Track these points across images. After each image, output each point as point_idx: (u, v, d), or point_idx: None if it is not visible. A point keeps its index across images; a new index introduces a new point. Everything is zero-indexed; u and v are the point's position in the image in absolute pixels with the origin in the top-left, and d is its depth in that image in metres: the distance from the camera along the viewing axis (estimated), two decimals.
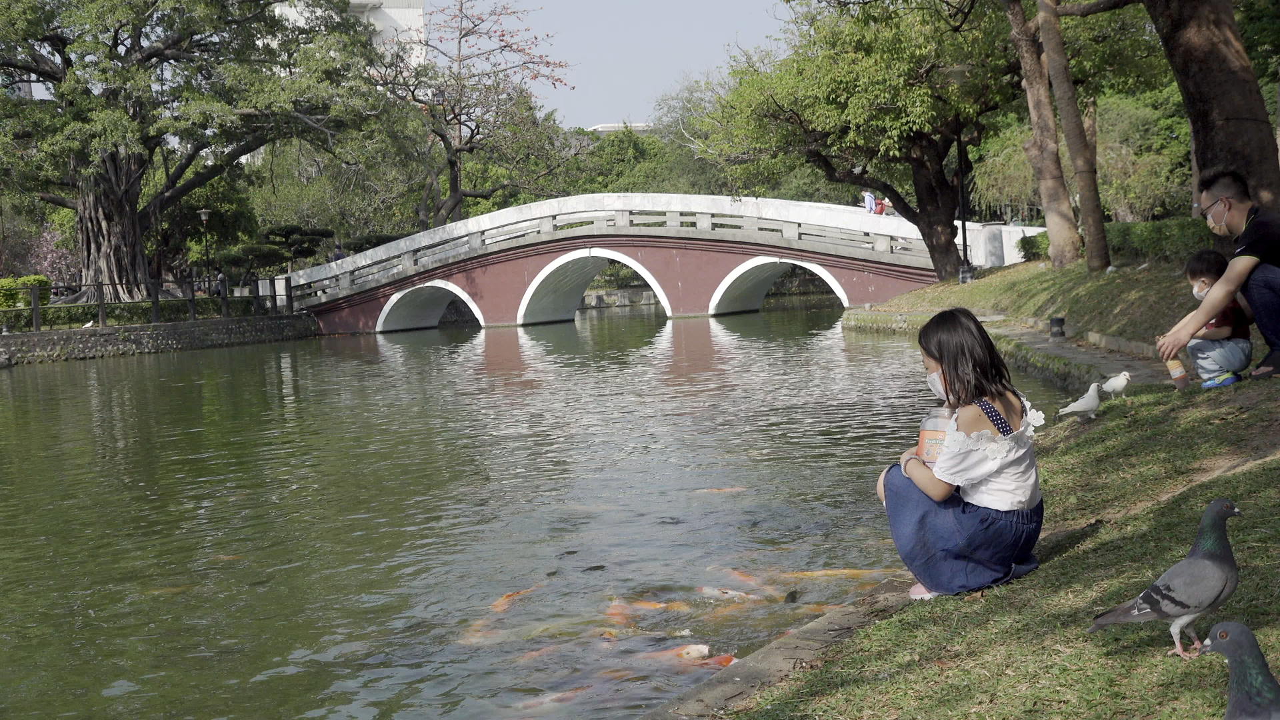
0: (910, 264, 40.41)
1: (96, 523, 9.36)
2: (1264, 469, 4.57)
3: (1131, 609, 3.01)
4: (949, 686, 3.20)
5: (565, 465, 11.15)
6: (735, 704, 3.62)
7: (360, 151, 47.77)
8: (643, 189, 74.07)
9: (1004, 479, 4.27)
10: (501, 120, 60.35)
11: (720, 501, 8.62)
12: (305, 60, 44.57)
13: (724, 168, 35.94)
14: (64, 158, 41.80)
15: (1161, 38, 11.11)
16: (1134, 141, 52.62)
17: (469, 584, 6.65)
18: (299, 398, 21.91)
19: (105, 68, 41.75)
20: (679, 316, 46.15)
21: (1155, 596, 2.98)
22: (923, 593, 4.47)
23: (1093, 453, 6.21)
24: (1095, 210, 20.56)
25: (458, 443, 13.36)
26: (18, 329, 39.78)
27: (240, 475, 11.80)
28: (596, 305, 79.09)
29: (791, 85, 29.19)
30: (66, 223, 53.14)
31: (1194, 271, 6.91)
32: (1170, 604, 2.95)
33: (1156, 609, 2.97)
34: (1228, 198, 6.62)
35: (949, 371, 4.32)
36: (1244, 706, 2.21)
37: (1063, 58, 21.12)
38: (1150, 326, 12.75)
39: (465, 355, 31.58)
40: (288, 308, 50.65)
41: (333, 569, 7.33)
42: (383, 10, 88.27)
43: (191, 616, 6.37)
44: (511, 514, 8.71)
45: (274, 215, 64.38)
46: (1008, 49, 26.78)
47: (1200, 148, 10.80)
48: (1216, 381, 6.69)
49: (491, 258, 49.50)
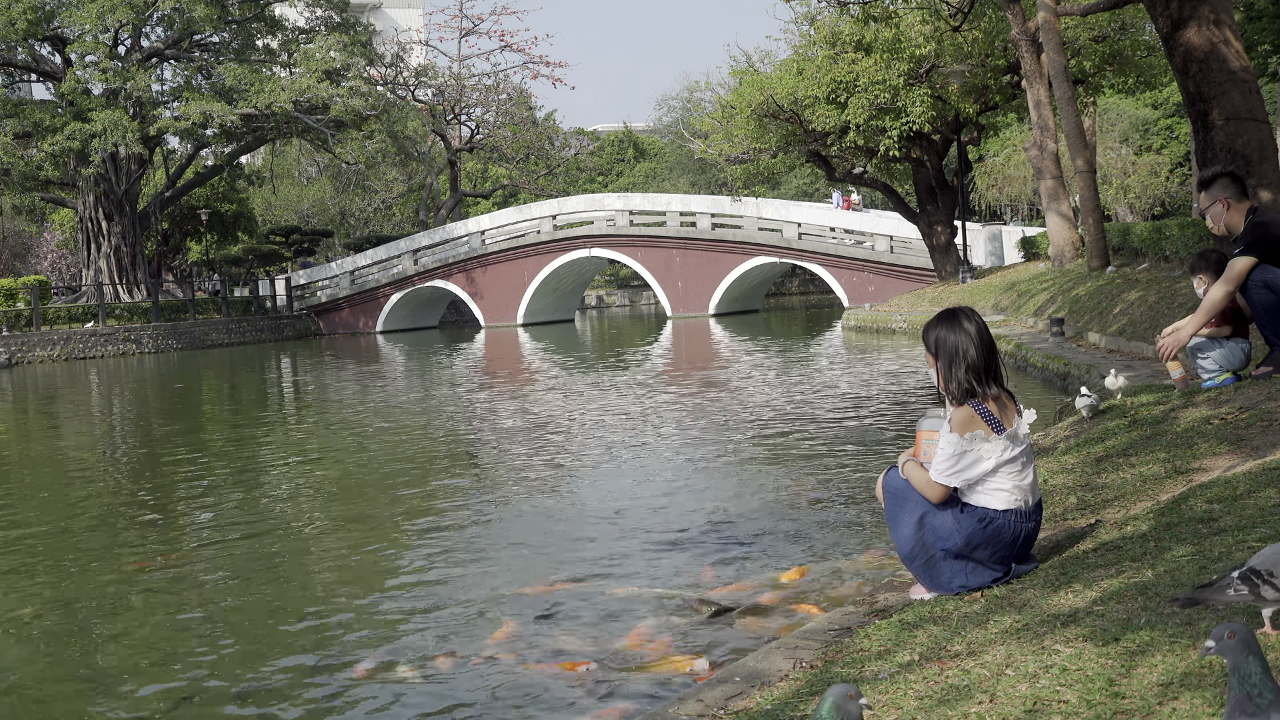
0: (910, 264, 40.41)
1: (97, 523, 9.37)
2: (1264, 469, 4.57)
3: (1226, 588, 2.89)
4: (949, 686, 3.20)
5: (565, 465, 11.14)
6: (735, 704, 3.62)
7: (360, 151, 47.77)
8: (643, 189, 74.08)
9: (1000, 478, 4.27)
10: (501, 120, 60.34)
11: (714, 505, 8.62)
12: (305, 60, 44.57)
13: (724, 168, 35.96)
14: (64, 158, 41.80)
15: (1161, 38, 11.11)
16: (1134, 141, 52.61)
17: (461, 596, 6.64)
18: (299, 398, 21.90)
19: (105, 68, 41.75)
20: (679, 316, 46.15)
21: (1255, 580, 2.87)
22: (922, 593, 4.47)
23: (1093, 453, 6.21)
24: (1095, 210, 20.56)
25: (456, 443, 13.36)
26: (18, 329, 39.78)
27: (240, 476, 11.79)
28: (596, 305, 79.08)
29: (791, 85, 29.19)
30: (66, 223, 53.14)
31: (1195, 269, 6.91)
32: (1271, 589, 2.86)
33: (1256, 593, 2.87)
34: (1226, 198, 6.62)
35: (944, 369, 4.33)
36: (1244, 707, 2.20)
37: (1063, 58, 21.12)
38: (1150, 326, 12.75)
39: (465, 355, 31.57)
40: (288, 308, 50.66)
41: (334, 570, 7.33)
42: (383, 10, 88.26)
43: (191, 614, 6.37)
44: (509, 513, 8.71)
45: (274, 215, 64.38)
46: (1008, 49, 26.78)
47: (1200, 148, 10.80)
48: (1216, 381, 6.68)
49: (491, 258, 49.49)
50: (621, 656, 5.16)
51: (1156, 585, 3.54)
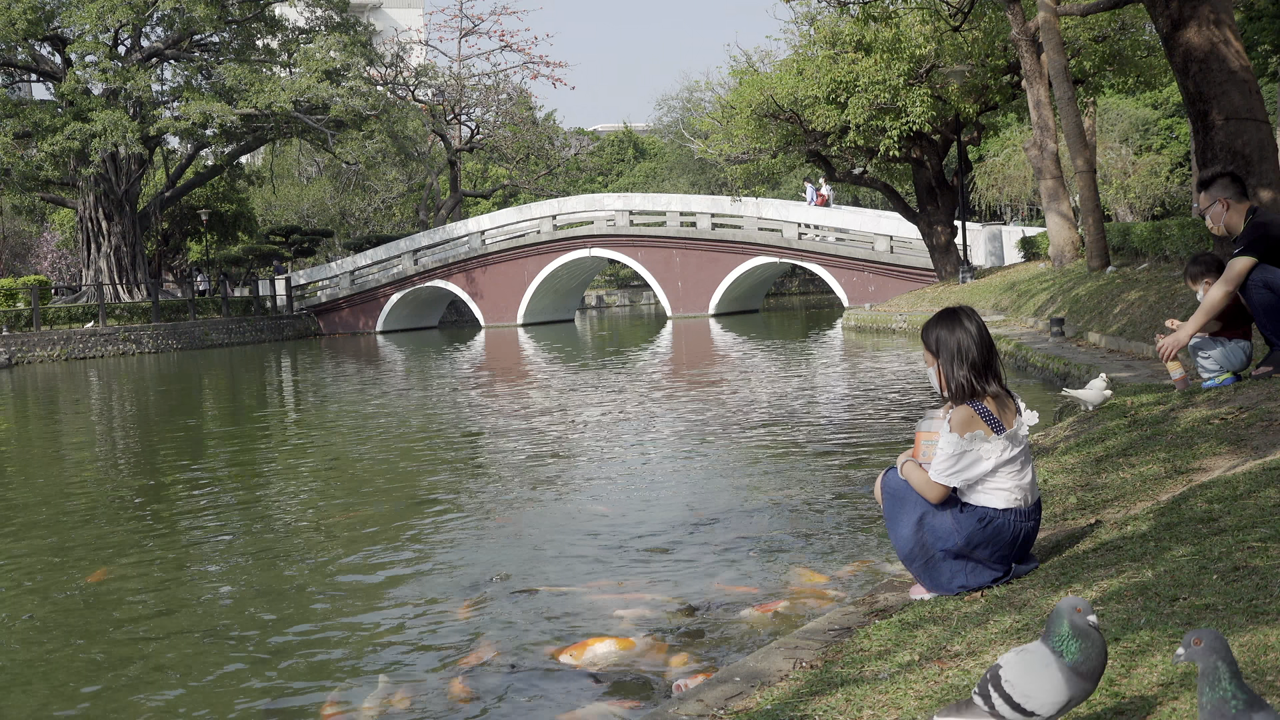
0: (910, 264, 40.40)
1: (96, 521, 9.36)
2: (1264, 469, 4.57)
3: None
4: (949, 686, 3.20)
5: (564, 465, 11.14)
6: (735, 704, 3.62)
7: (360, 151, 47.75)
8: (643, 189, 74.06)
9: (1000, 478, 4.27)
10: (501, 120, 60.34)
11: (712, 507, 8.62)
12: (305, 60, 44.56)
13: (724, 168, 35.95)
14: (64, 158, 41.80)
15: (1161, 38, 11.10)
16: (1134, 141, 52.61)
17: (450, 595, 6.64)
18: (298, 397, 21.90)
19: (105, 68, 41.74)
20: (679, 316, 46.14)
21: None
22: (922, 593, 4.46)
23: (1093, 452, 6.21)
24: (1095, 210, 20.56)
25: (456, 443, 13.36)
26: (18, 329, 39.77)
27: (239, 476, 11.79)
28: (596, 305, 79.07)
29: (791, 85, 29.18)
30: (66, 223, 53.13)
31: (1193, 275, 6.91)
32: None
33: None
34: (1226, 198, 6.62)
35: (944, 368, 4.32)
36: (1219, 711, 2.21)
37: (1063, 58, 21.12)
38: (1150, 326, 12.75)
39: (466, 355, 31.57)
40: (288, 308, 50.66)
41: (333, 573, 7.33)
42: (383, 10, 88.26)
43: (190, 609, 6.37)
44: (508, 513, 8.71)
45: (274, 215, 64.37)
46: (1008, 49, 26.78)
47: (1200, 148, 10.79)
48: (1216, 381, 6.68)
49: (491, 258, 49.49)
50: (620, 656, 5.16)
51: (1156, 585, 3.54)
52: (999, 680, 2.64)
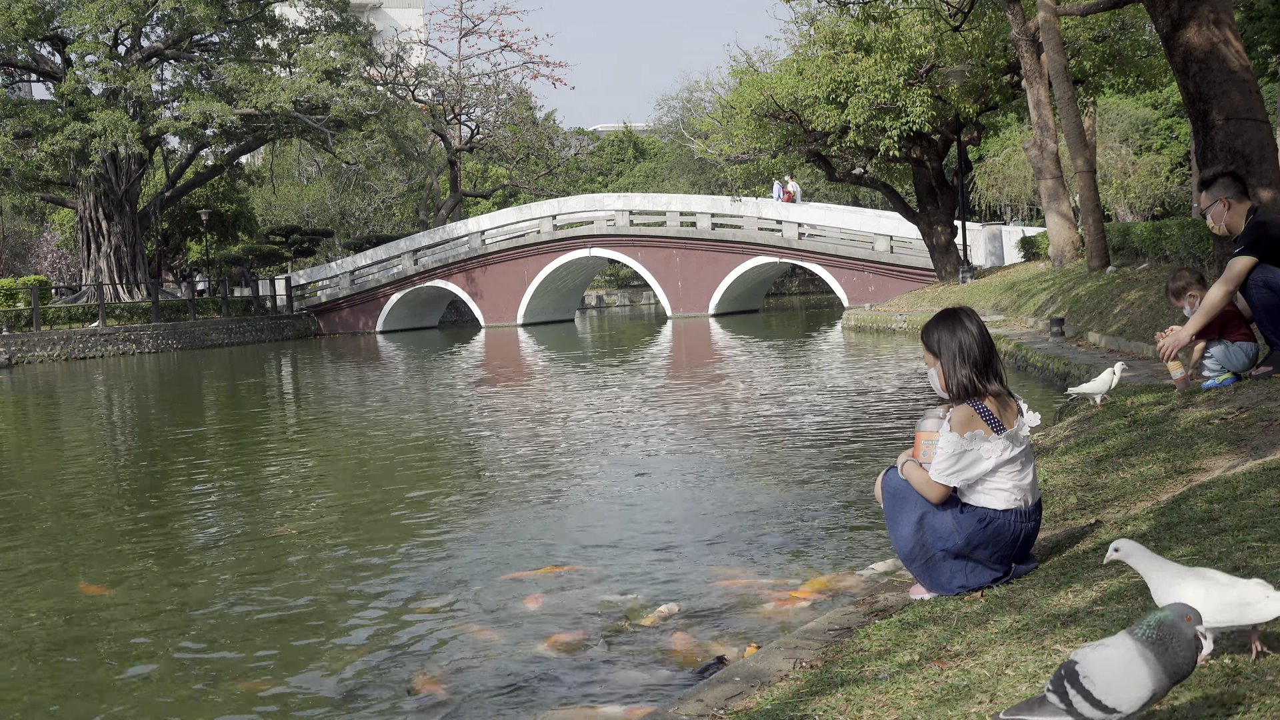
0: (910, 264, 40.40)
1: (96, 521, 9.37)
2: (1264, 469, 4.57)
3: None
4: (949, 686, 3.20)
5: (564, 464, 11.14)
6: (735, 704, 3.62)
7: (360, 151, 47.76)
8: (643, 189, 74.04)
9: (1000, 478, 4.27)
10: (501, 120, 60.34)
11: (712, 507, 8.62)
12: (305, 60, 44.56)
13: (724, 168, 35.98)
14: (64, 158, 41.78)
15: (1161, 38, 11.10)
16: (1134, 141, 52.64)
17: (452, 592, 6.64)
18: (298, 398, 21.90)
19: (105, 68, 41.74)
20: (679, 316, 46.15)
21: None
22: (922, 593, 4.46)
23: (1093, 452, 6.21)
24: (1095, 210, 20.57)
25: (455, 444, 13.36)
26: (18, 329, 39.77)
27: (239, 477, 11.79)
28: (596, 305, 79.07)
29: (791, 85, 29.19)
30: (66, 223, 53.13)
31: (1176, 292, 6.94)
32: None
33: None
34: (1227, 198, 6.62)
35: (946, 368, 4.33)
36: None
37: (1063, 58, 21.13)
38: (1150, 326, 12.76)
39: (466, 355, 31.57)
40: (288, 308, 50.66)
41: (333, 573, 7.34)
42: (383, 10, 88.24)
43: (189, 610, 6.37)
44: (507, 512, 8.71)
45: (274, 215, 64.38)
46: (1008, 49, 26.79)
47: (1200, 148, 10.79)
48: (1216, 381, 6.68)
49: (491, 258, 49.49)
50: (619, 655, 5.16)
51: None
52: (1075, 675, 2.55)
